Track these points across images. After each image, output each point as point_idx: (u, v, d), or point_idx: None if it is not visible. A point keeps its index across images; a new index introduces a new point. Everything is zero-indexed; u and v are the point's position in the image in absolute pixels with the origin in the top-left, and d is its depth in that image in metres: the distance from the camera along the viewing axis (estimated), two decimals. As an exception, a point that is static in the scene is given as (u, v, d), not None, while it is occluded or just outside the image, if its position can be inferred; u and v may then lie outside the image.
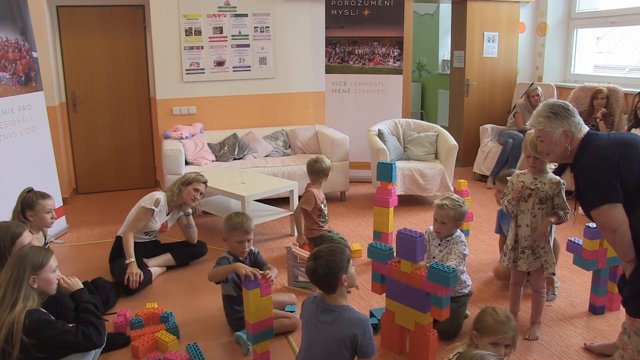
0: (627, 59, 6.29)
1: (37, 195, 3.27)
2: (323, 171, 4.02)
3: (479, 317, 2.10)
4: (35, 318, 2.28)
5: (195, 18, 5.69)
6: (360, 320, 2.23)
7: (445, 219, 2.89)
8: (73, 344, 2.34)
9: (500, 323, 2.03)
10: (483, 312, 2.11)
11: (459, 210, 2.89)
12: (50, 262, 2.40)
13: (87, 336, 2.37)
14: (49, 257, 2.41)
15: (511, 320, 2.06)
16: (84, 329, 2.38)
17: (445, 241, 2.97)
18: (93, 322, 2.44)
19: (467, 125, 6.77)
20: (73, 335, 2.34)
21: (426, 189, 5.17)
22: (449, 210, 2.88)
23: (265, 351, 2.67)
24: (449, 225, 2.91)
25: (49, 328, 2.29)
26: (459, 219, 2.92)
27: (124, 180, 6.09)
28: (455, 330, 2.90)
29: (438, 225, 2.93)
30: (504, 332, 2.02)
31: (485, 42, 6.63)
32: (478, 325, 2.08)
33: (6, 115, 4.07)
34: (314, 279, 2.29)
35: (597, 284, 3.16)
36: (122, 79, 5.88)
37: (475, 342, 2.06)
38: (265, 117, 6.10)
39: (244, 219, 2.94)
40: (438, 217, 2.92)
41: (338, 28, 6.01)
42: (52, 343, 2.29)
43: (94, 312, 2.50)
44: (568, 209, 2.79)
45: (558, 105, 2.41)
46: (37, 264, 2.35)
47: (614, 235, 2.26)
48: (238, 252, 2.94)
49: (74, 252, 4.31)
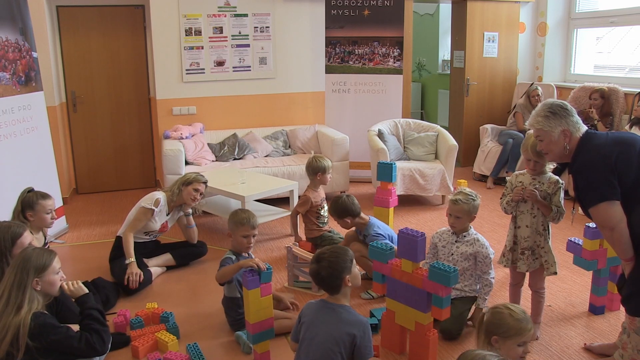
0: (627, 59, 6.29)
1: (37, 196, 3.27)
2: (315, 169, 4.00)
3: (497, 321, 1.96)
4: (40, 322, 2.28)
5: (195, 18, 5.69)
6: (360, 322, 2.23)
7: (460, 213, 2.92)
8: (76, 350, 2.34)
9: (523, 321, 1.96)
10: (499, 314, 1.98)
11: (472, 204, 2.92)
12: (53, 263, 2.40)
13: (89, 344, 2.37)
14: (52, 258, 2.41)
15: (527, 314, 2.02)
16: (87, 336, 2.38)
17: (462, 237, 2.98)
18: (97, 330, 2.44)
19: (467, 125, 6.77)
20: (77, 341, 2.34)
21: (426, 189, 5.17)
22: (463, 205, 2.90)
23: (265, 351, 2.68)
24: (463, 219, 2.94)
25: (53, 332, 2.29)
26: (473, 212, 2.94)
27: (124, 180, 6.09)
28: (458, 330, 2.90)
29: (453, 220, 2.96)
30: (528, 330, 1.96)
31: (485, 42, 6.63)
32: (499, 330, 1.94)
33: (6, 115, 4.07)
34: (318, 281, 2.30)
35: (597, 284, 3.16)
36: (122, 79, 5.88)
37: (496, 346, 1.94)
38: (265, 117, 6.10)
39: (249, 215, 2.98)
40: (452, 212, 2.95)
41: (338, 28, 6.01)
42: (56, 347, 2.30)
43: (98, 318, 2.50)
44: (563, 210, 2.80)
45: (556, 105, 2.42)
46: (41, 267, 2.35)
47: (612, 233, 2.27)
48: (243, 247, 2.95)
49: (74, 252, 4.31)
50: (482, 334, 2.01)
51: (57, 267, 2.43)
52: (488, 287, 2.95)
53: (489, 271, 2.95)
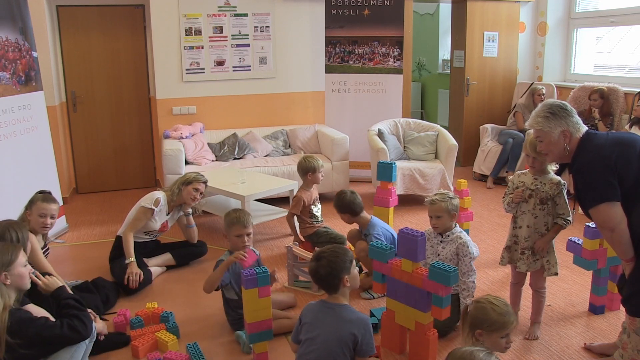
0: (627, 58, 6.29)
1: (42, 197, 3.22)
2: (306, 169, 4.00)
3: (480, 315, 2.00)
4: (16, 318, 2.26)
5: (195, 18, 5.69)
6: (361, 320, 2.23)
7: (439, 212, 2.90)
8: (59, 337, 2.32)
9: (506, 314, 1.99)
10: (482, 308, 2.01)
11: (450, 202, 2.90)
12: (19, 257, 2.39)
13: (72, 327, 2.35)
14: (17, 252, 2.40)
15: (509, 306, 2.03)
16: (68, 321, 2.36)
17: (446, 236, 2.97)
18: (76, 314, 2.41)
19: (467, 125, 6.77)
20: (58, 328, 2.32)
21: (426, 188, 5.17)
22: (440, 203, 2.89)
23: (263, 352, 2.67)
24: (445, 218, 2.91)
25: (32, 326, 2.28)
26: (453, 210, 2.92)
27: (124, 180, 6.09)
28: (447, 328, 2.89)
29: (435, 221, 2.94)
30: (511, 323, 1.99)
31: (485, 41, 6.63)
32: (483, 325, 1.98)
33: (6, 115, 4.07)
34: (317, 279, 2.30)
35: (597, 284, 3.16)
36: (122, 79, 5.88)
37: (481, 340, 1.99)
38: (265, 117, 6.10)
39: (241, 214, 2.97)
40: (432, 212, 2.94)
41: (338, 28, 6.01)
42: (37, 340, 2.27)
43: (76, 305, 2.46)
44: (569, 214, 2.80)
45: (556, 106, 2.42)
46: (7, 261, 2.34)
47: (612, 233, 2.27)
48: (239, 247, 2.95)
49: (74, 252, 4.31)
50: (467, 328, 2.04)
51: (23, 260, 2.42)
52: (466, 291, 2.88)
53: (469, 273, 2.88)
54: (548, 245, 2.84)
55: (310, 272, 2.32)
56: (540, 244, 2.82)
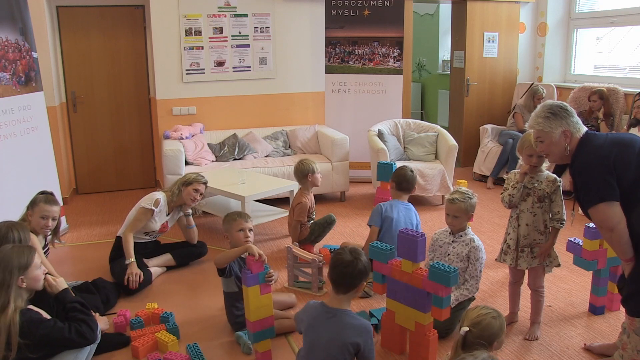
0: (627, 59, 6.29)
1: (44, 198, 3.21)
2: (305, 171, 4.00)
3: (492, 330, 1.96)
4: (27, 318, 2.28)
5: (195, 18, 5.69)
6: (364, 328, 2.23)
7: (457, 213, 2.92)
8: (67, 340, 2.34)
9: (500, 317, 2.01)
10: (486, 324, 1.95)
11: (469, 203, 2.92)
12: (35, 259, 2.41)
13: (80, 333, 2.38)
14: (32, 255, 2.42)
15: (500, 316, 2.02)
16: (76, 326, 2.38)
17: (458, 237, 2.98)
18: (83, 319, 2.44)
19: (467, 125, 6.77)
20: (67, 332, 2.34)
21: (426, 189, 5.17)
22: (460, 203, 2.90)
23: (267, 350, 2.68)
24: (461, 218, 2.94)
25: (41, 327, 2.29)
26: (470, 210, 2.95)
27: (124, 180, 6.09)
28: (446, 330, 2.89)
29: (451, 220, 2.96)
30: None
31: (485, 42, 6.63)
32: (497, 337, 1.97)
33: (6, 116, 4.07)
34: (343, 274, 2.22)
35: (597, 284, 3.16)
36: (122, 79, 5.88)
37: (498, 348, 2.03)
38: (265, 117, 6.10)
39: (239, 212, 3.05)
40: (450, 211, 2.95)
41: (338, 28, 6.01)
42: (46, 342, 2.29)
43: (82, 309, 2.49)
44: (563, 213, 2.81)
45: (556, 106, 2.43)
46: (24, 264, 2.36)
47: (612, 233, 2.27)
48: (241, 242, 2.94)
49: (74, 252, 4.31)
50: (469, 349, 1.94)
51: (38, 262, 2.44)
52: (467, 290, 2.92)
53: (477, 277, 2.91)
54: (551, 250, 2.86)
55: (342, 263, 2.24)
56: (543, 251, 2.84)
